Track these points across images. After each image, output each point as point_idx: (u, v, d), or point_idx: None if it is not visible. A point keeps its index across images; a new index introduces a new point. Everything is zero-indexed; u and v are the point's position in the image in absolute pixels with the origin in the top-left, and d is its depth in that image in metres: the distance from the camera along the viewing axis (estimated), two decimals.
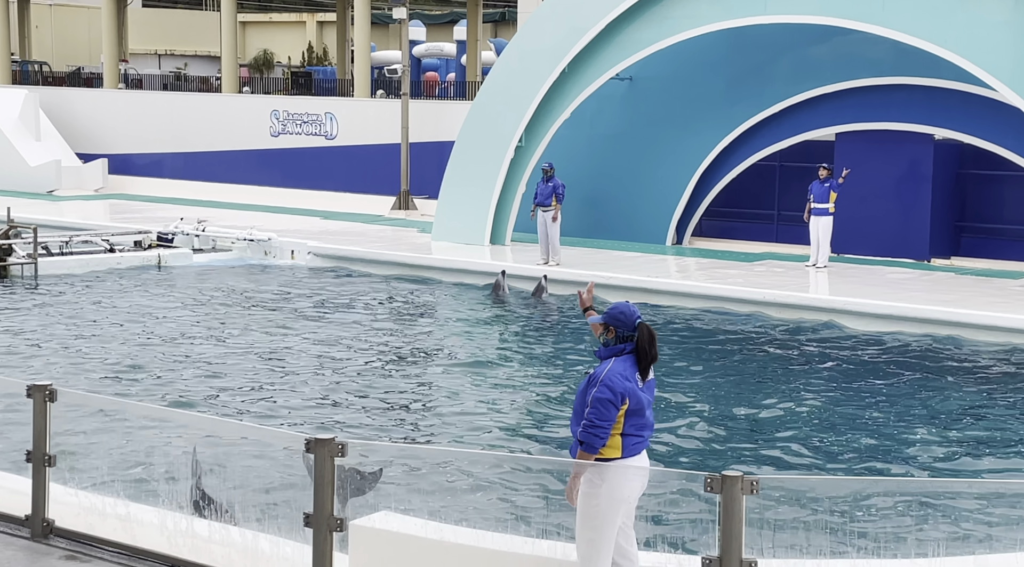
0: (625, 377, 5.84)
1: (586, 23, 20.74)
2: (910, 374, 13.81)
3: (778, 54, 21.53)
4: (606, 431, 5.81)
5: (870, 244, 20.97)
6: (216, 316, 16.70)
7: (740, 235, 22.82)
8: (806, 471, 10.17)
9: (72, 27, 51.60)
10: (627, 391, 5.84)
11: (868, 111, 20.96)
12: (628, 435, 5.88)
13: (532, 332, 16.08)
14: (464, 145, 22.37)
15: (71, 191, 30.92)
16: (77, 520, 6.74)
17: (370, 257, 20.94)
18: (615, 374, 5.83)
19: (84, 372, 13.17)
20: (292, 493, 7.39)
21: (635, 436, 5.89)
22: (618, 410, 5.81)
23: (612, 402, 5.79)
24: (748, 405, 12.27)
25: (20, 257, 19.58)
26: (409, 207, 26.74)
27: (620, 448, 5.86)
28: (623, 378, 5.83)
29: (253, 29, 58.61)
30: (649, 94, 22.45)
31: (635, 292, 18.13)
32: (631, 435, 5.88)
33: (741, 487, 5.35)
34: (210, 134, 31.35)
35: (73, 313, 16.67)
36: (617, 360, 5.89)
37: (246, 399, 12.19)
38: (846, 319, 16.44)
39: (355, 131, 28.99)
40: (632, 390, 5.85)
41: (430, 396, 12.61)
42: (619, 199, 22.73)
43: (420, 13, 50.18)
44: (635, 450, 5.90)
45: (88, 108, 33.66)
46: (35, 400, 6.77)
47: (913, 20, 18.32)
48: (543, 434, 11.21)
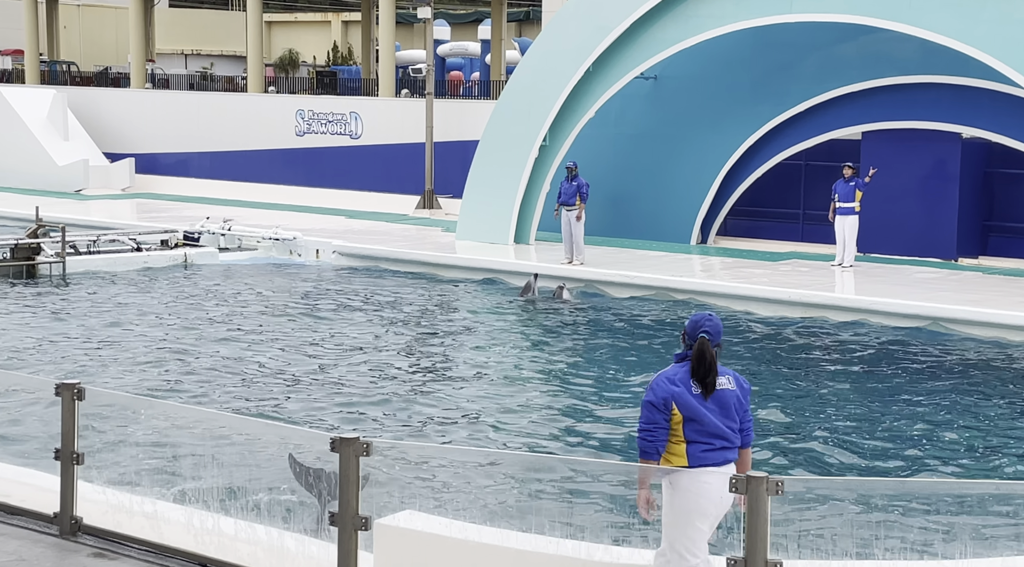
0: (673, 382, 5.88)
1: (611, 22, 20.71)
2: (938, 374, 13.72)
3: (804, 53, 21.43)
4: (652, 435, 5.85)
5: (897, 244, 20.85)
6: (241, 315, 16.77)
7: (765, 234, 22.74)
8: (832, 472, 10.13)
9: (100, 27, 51.97)
10: (672, 396, 5.86)
11: (895, 110, 20.83)
12: (692, 442, 5.86)
13: (556, 332, 16.07)
14: (488, 144, 22.39)
15: (99, 190, 31.14)
16: (105, 518, 6.79)
17: (395, 256, 20.99)
18: (662, 379, 5.91)
19: (112, 370, 13.27)
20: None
21: (701, 443, 5.85)
22: (662, 414, 5.85)
23: (654, 405, 5.85)
24: (773, 405, 12.22)
25: (48, 256, 19.74)
26: (433, 206, 26.78)
27: (685, 456, 5.85)
28: (669, 383, 5.88)
29: (279, 29, 58.86)
30: (674, 93, 22.40)
31: (659, 292, 18.10)
32: (696, 442, 5.85)
33: (766, 488, 5.33)
34: (236, 133, 31.51)
35: (101, 312, 16.79)
36: (674, 366, 5.99)
37: (270, 398, 12.24)
38: (873, 319, 16.35)
39: (380, 130, 29.06)
40: (679, 395, 5.86)
41: (454, 395, 12.63)
42: (644, 198, 22.69)
43: (445, 12, 50.25)
44: (705, 459, 5.84)
45: (115, 108, 33.89)
46: (63, 398, 6.82)
47: (941, 18, 18.20)
48: (567, 434, 11.21)
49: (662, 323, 16.53)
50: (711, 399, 5.89)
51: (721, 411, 5.90)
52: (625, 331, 15.99)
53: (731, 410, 5.92)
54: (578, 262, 19.51)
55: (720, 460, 5.87)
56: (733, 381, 5.98)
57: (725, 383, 5.95)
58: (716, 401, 5.90)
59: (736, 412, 5.94)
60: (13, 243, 19.82)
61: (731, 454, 5.92)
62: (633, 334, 15.81)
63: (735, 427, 5.92)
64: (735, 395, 5.95)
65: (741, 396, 5.97)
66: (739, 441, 5.95)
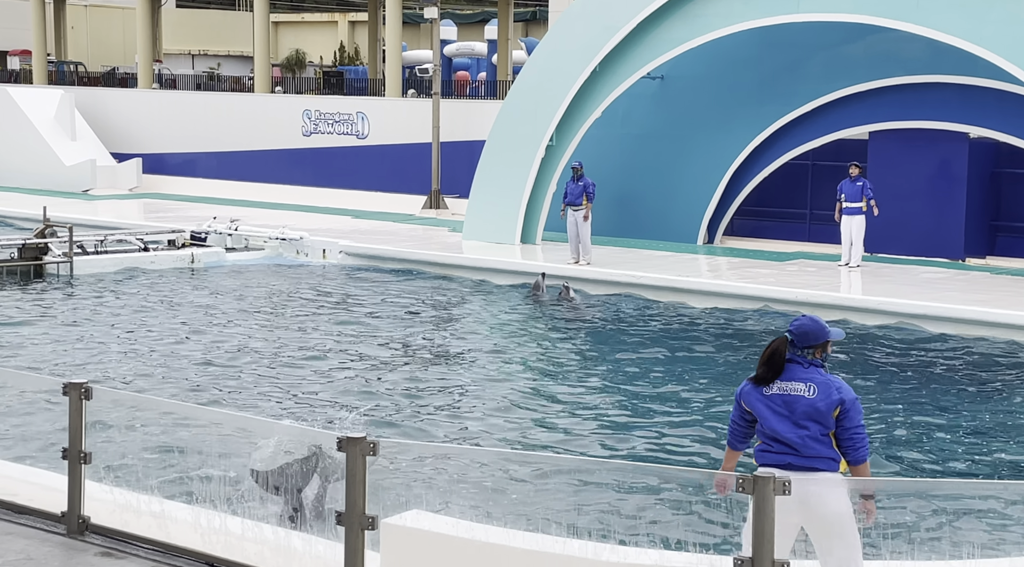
0: (759, 388, 5.98)
1: (617, 22, 20.71)
2: (945, 374, 13.69)
3: (811, 52, 21.40)
4: (731, 426, 6.08)
5: (904, 244, 20.81)
6: (248, 314, 16.80)
7: (772, 234, 22.71)
8: None
9: (107, 28, 52.06)
10: (742, 394, 6.01)
11: (902, 110, 20.80)
12: (759, 441, 5.99)
13: (562, 331, 16.07)
14: (495, 144, 22.39)
15: (106, 190, 31.20)
16: (112, 517, 6.80)
17: (401, 256, 21.01)
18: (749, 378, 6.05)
19: (119, 369, 13.29)
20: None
21: (763, 443, 5.96)
22: (738, 410, 6.04)
23: (735, 400, 6.06)
24: None
25: (56, 256, 19.78)
26: (440, 206, 26.79)
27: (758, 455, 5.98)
28: (747, 381, 6.01)
29: (285, 29, 58.93)
30: (681, 93, 22.39)
31: (666, 291, 18.10)
32: (761, 443, 5.97)
33: (773, 488, 5.33)
34: (243, 134, 31.55)
35: (108, 311, 16.82)
36: None
37: (278, 397, 12.25)
38: (879, 319, 16.32)
39: (386, 130, 29.07)
40: (747, 393, 5.98)
41: (460, 395, 12.63)
42: (650, 198, 22.68)
43: (451, 12, 50.28)
44: (763, 459, 5.93)
45: (123, 108, 33.95)
46: (71, 398, 6.83)
47: (948, 18, 18.16)
48: (575, 433, 11.21)
49: (668, 323, 16.52)
50: (778, 402, 5.88)
51: (788, 416, 5.84)
52: (630, 331, 15.98)
53: (800, 417, 5.82)
54: (585, 262, 19.51)
55: (779, 463, 5.84)
56: (816, 390, 5.84)
57: (800, 389, 5.85)
58: (784, 404, 5.86)
59: (812, 421, 5.80)
60: (21, 243, 19.87)
61: (796, 460, 5.84)
62: (639, 334, 15.80)
63: (804, 435, 5.81)
64: (810, 405, 5.82)
65: (823, 408, 5.81)
66: (812, 451, 5.82)
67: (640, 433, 11.17)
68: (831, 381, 5.90)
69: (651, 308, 17.48)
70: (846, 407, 5.85)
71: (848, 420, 5.85)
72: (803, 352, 5.94)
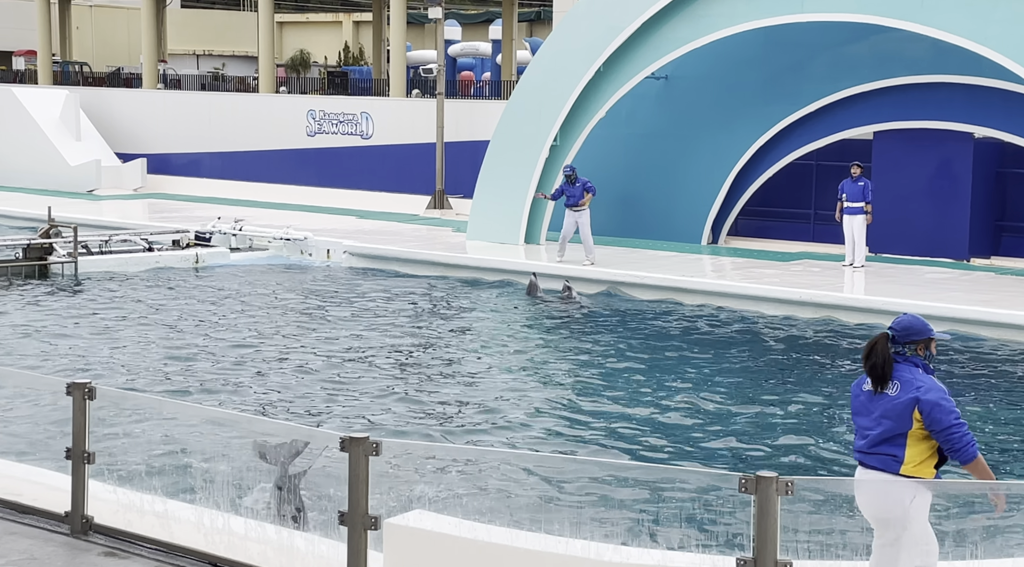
0: (859, 382, 5.95)
1: (621, 22, 20.70)
2: (950, 376, 13.67)
3: (815, 52, 21.39)
4: (855, 428, 5.95)
5: (908, 244, 20.79)
6: (252, 314, 16.81)
7: (776, 234, 22.70)
8: (842, 473, 10.10)
9: (112, 28, 52.13)
10: (852, 392, 5.98)
11: (907, 110, 20.77)
12: None
13: (564, 332, 16.06)
14: (499, 144, 22.39)
15: (110, 190, 31.24)
16: (116, 517, 6.81)
17: (405, 256, 21.02)
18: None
19: (123, 370, 13.31)
20: (327, 491, 7.43)
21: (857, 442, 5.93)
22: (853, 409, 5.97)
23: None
24: (785, 405, 12.20)
25: (61, 256, 19.81)
26: (444, 206, 26.80)
27: None
28: (857, 382, 5.97)
29: (290, 29, 58.96)
30: (685, 93, 22.38)
31: (670, 292, 18.09)
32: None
33: (776, 488, 5.32)
34: (247, 134, 31.57)
35: (112, 311, 16.84)
36: None
37: (281, 397, 12.27)
38: (884, 319, 16.29)
39: (391, 130, 29.08)
40: (853, 388, 5.97)
41: (463, 394, 12.63)
42: (654, 198, 22.67)
43: (456, 12, 50.28)
44: (856, 457, 5.92)
45: (127, 108, 33.99)
46: (74, 398, 6.85)
47: (952, 17, 18.14)
48: (577, 433, 11.21)
49: (669, 323, 16.51)
50: (874, 399, 5.84)
51: (876, 413, 5.80)
52: (634, 331, 15.98)
53: (877, 413, 5.79)
54: (588, 262, 19.50)
55: (861, 459, 5.86)
56: (898, 388, 5.77)
57: (889, 389, 5.79)
58: (876, 402, 5.83)
59: (886, 418, 5.75)
60: (26, 243, 19.91)
61: (861, 456, 5.83)
62: (642, 334, 15.79)
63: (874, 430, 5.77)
64: (889, 401, 5.77)
65: (899, 407, 5.73)
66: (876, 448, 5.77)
67: (648, 432, 11.17)
68: (916, 380, 5.77)
69: (653, 308, 17.47)
70: (924, 409, 5.70)
71: (933, 422, 5.70)
72: (904, 348, 5.86)
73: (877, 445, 5.79)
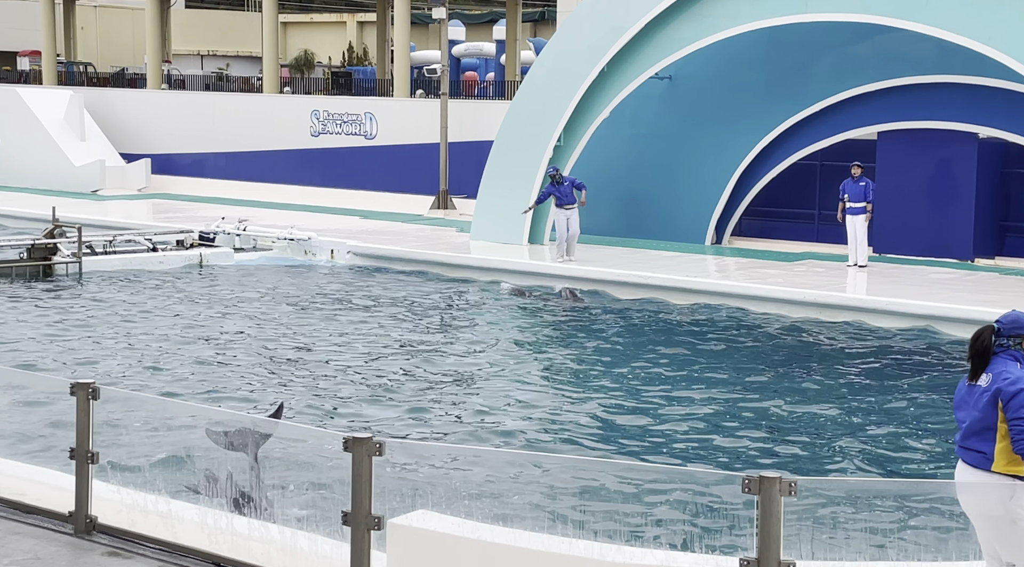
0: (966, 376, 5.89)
1: (625, 22, 20.70)
2: (955, 376, 13.65)
3: (819, 52, 21.37)
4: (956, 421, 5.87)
5: (913, 244, 20.77)
6: (256, 314, 16.82)
7: (780, 235, 22.68)
8: (847, 473, 10.10)
9: (116, 28, 52.18)
10: (958, 385, 5.89)
11: (911, 110, 20.75)
12: None
13: (568, 332, 16.06)
14: (503, 145, 22.40)
15: (115, 191, 31.27)
16: (119, 517, 6.82)
17: (409, 256, 21.03)
18: None
19: (126, 369, 13.32)
20: (330, 491, 7.44)
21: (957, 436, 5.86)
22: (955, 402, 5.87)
23: None
24: (793, 406, 12.19)
25: (65, 256, 19.84)
26: (448, 206, 26.80)
27: None
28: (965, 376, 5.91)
29: (294, 29, 58.98)
30: (689, 93, 22.37)
31: (674, 292, 18.08)
32: None
33: (779, 488, 5.32)
34: (251, 134, 31.60)
35: (116, 311, 16.86)
36: None
37: (285, 396, 12.27)
38: (886, 320, 16.29)
39: (394, 131, 29.09)
40: (959, 385, 5.88)
41: (466, 394, 12.64)
42: (658, 198, 22.66)
43: (459, 13, 50.27)
44: (956, 451, 5.84)
45: (132, 108, 34.03)
46: (78, 398, 6.85)
47: (957, 17, 18.12)
48: (581, 432, 11.20)
49: (671, 324, 16.50)
50: (969, 390, 5.79)
51: (969, 405, 5.75)
52: (638, 332, 15.98)
53: (971, 406, 5.73)
54: (571, 259, 19.58)
55: (958, 453, 5.80)
56: (989, 379, 5.72)
57: (981, 380, 5.75)
58: (971, 393, 5.78)
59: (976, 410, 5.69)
60: (30, 243, 19.94)
61: (958, 449, 5.77)
62: (648, 335, 15.79)
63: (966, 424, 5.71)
64: (980, 394, 5.72)
65: (987, 398, 5.68)
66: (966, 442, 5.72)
67: (651, 432, 11.17)
68: (1006, 371, 5.71)
69: (656, 308, 17.46)
70: (1003, 398, 5.65)
71: (1007, 410, 5.63)
72: (1008, 340, 5.82)
73: (967, 438, 5.74)
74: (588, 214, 23.20)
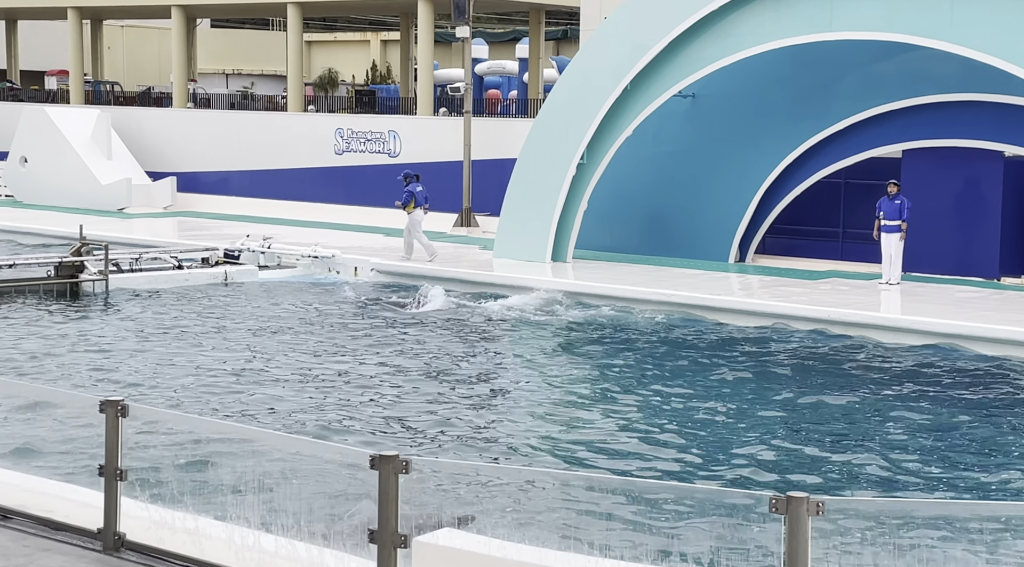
0: None
1: (649, 40, 20.73)
2: (983, 395, 13.56)
3: (844, 70, 21.34)
4: None
5: (938, 262, 20.66)
6: (281, 331, 16.88)
7: (804, 253, 22.62)
8: (876, 492, 10.03)
9: (143, 48, 52.67)
10: None
11: (936, 128, 20.68)
12: None
13: (590, 350, 16.04)
14: (526, 162, 22.45)
15: (141, 209, 31.50)
16: (148, 534, 6.85)
17: (432, 274, 21.07)
18: None
19: (154, 386, 13.39)
20: (357, 509, 7.45)
21: None
22: None
23: None
24: (817, 425, 12.13)
25: (92, 274, 19.98)
26: (471, 224, 26.86)
27: None
28: None
29: (318, 48, 59.37)
30: (712, 111, 22.37)
31: (697, 310, 18.04)
32: None
33: (807, 508, 5.30)
34: (276, 152, 31.79)
35: (142, 329, 16.96)
36: None
37: (311, 414, 12.31)
38: (913, 338, 16.20)
39: (418, 149, 29.20)
40: None
41: (491, 411, 12.63)
42: (681, 216, 22.64)
43: (483, 31, 50.49)
44: None
45: (158, 127, 34.30)
46: (107, 415, 6.89)
47: (982, 36, 18.07)
48: (606, 451, 11.18)
49: (698, 342, 16.46)
50: None
51: None
52: (659, 350, 15.94)
53: None
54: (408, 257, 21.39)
55: None
56: None
57: None
58: None
59: None
60: (57, 261, 20.10)
61: None
62: (668, 353, 15.75)
63: None
64: None
65: None
66: None
67: (677, 451, 11.14)
68: None
69: (679, 327, 17.43)
70: None
71: None
72: None
73: None
74: (612, 231, 23.24)
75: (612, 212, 22.58)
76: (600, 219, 22.62)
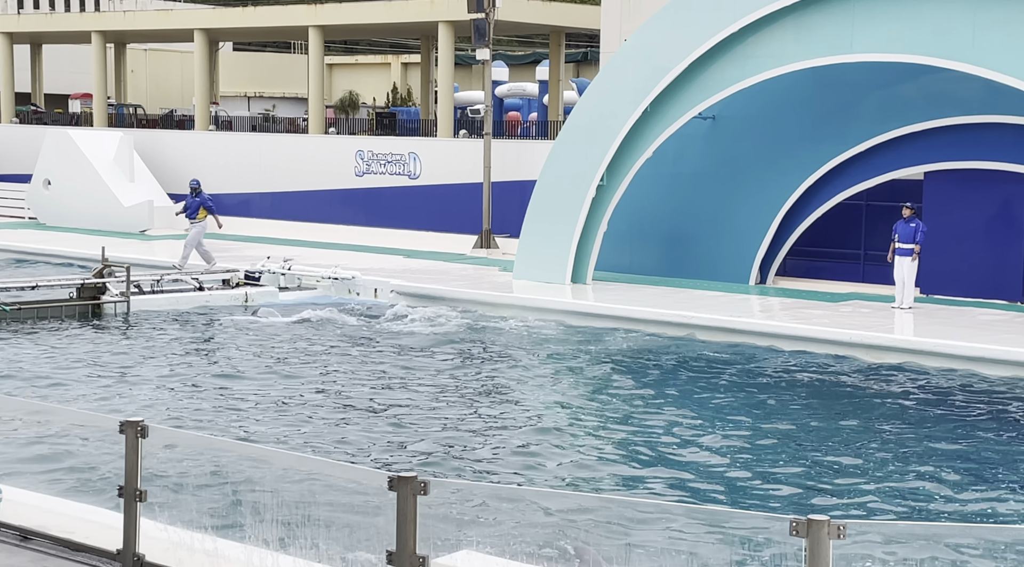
0: None
1: (668, 63, 20.76)
2: (1004, 419, 13.45)
3: (865, 92, 21.30)
4: None
5: (961, 285, 20.54)
6: (300, 353, 16.91)
7: (825, 275, 22.53)
8: (896, 516, 9.95)
9: (165, 71, 53.10)
10: None
11: (958, 150, 20.60)
12: None
13: (609, 373, 16.00)
14: (546, 184, 22.47)
15: (163, 231, 31.68)
16: (167, 555, 6.84)
17: (452, 295, 21.08)
18: None
19: (175, 407, 13.43)
20: (374, 531, 7.43)
21: None
22: None
23: None
24: (837, 448, 12.05)
25: (113, 295, 20.09)
26: (491, 246, 26.89)
27: None
28: None
29: (340, 71, 59.71)
30: (732, 133, 22.35)
31: (718, 332, 17.98)
32: None
33: (828, 531, 5.25)
34: (297, 174, 31.94)
35: (163, 350, 17.03)
36: None
37: (330, 435, 12.31)
38: (936, 361, 16.09)
39: (438, 171, 29.29)
40: None
41: (510, 432, 12.60)
42: (702, 238, 22.60)
43: (503, 54, 50.68)
44: None
45: (180, 149, 34.53)
46: (127, 436, 6.90)
47: (1004, 57, 18.01)
48: (625, 473, 11.13)
49: (716, 364, 16.40)
50: None
51: None
52: (679, 373, 15.88)
53: None
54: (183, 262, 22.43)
55: None
56: None
57: None
58: None
59: None
60: (80, 283, 20.22)
61: None
62: (689, 376, 15.69)
63: None
64: None
65: None
66: None
67: (696, 472, 11.08)
68: None
69: (698, 348, 17.36)
70: None
71: None
72: None
73: None
74: (632, 253, 23.21)
75: (632, 234, 22.55)
76: (620, 241, 22.61)
